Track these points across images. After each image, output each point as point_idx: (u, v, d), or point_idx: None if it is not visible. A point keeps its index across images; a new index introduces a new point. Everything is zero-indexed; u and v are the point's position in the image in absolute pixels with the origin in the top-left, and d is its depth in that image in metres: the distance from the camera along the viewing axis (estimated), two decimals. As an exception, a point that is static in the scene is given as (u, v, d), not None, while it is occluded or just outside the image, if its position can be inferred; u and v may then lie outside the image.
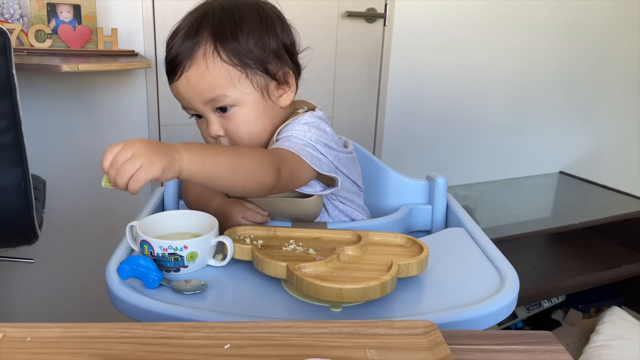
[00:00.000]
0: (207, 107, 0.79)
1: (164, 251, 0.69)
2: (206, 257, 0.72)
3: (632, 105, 2.65)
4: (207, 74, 0.76)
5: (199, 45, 0.77)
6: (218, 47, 0.76)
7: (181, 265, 0.70)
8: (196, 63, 0.77)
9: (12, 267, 1.73)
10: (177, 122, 1.78)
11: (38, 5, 1.51)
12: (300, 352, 0.45)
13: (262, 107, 0.81)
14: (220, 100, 0.78)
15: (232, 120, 0.80)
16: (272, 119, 0.83)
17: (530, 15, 2.28)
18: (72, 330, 0.48)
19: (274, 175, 0.70)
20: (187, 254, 0.69)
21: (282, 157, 0.73)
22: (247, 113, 0.80)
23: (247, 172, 0.68)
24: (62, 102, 1.67)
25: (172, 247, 0.69)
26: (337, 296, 0.60)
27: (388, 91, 2.14)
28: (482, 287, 0.68)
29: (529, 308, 2.00)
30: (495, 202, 2.29)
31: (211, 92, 0.77)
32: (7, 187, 1.09)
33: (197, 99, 0.79)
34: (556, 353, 0.49)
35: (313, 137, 0.81)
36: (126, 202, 1.81)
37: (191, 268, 0.71)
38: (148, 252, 0.69)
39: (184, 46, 0.77)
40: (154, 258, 0.69)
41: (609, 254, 2.09)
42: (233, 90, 0.78)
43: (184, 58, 0.77)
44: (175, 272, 0.70)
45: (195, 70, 0.77)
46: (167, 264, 0.69)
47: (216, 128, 0.81)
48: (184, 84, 0.78)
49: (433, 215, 0.99)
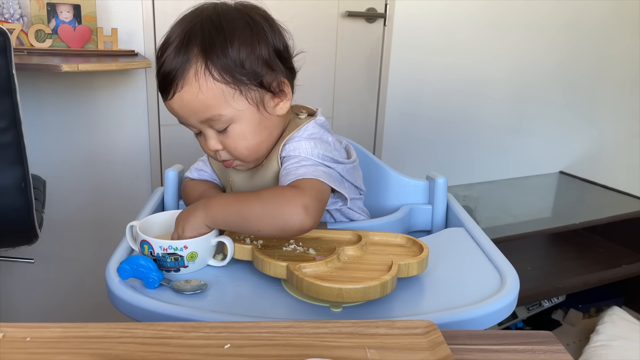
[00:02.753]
0: (204, 124, 0.78)
1: (163, 251, 0.68)
2: (206, 257, 0.72)
3: (632, 105, 2.64)
4: (200, 94, 0.74)
5: (190, 64, 0.74)
6: (209, 65, 0.74)
7: (181, 265, 0.70)
8: (188, 83, 0.74)
9: (12, 267, 1.73)
10: (177, 122, 1.77)
11: (38, 5, 1.51)
12: (300, 352, 0.45)
13: (258, 120, 0.79)
14: (216, 120, 0.77)
15: (230, 136, 0.79)
16: (269, 129, 0.81)
17: (530, 15, 2.28)
18: (72, 330, 0.47)
19: (298, 214, 0.69)
20: (187, 254, 0.69)
21: (304, 190, 0.72)
22: (243, 128, 0.78)
23: (258, 218, 0.71)
24: (62, 102, 1.67)
25: (172, 247, 0.69)
26: (337, 296, 0.60)
27: (388, 91, 2.14)
28: (482, 287, 0.68)
29: (529, 308, 2.00)
30: (495, 202, 2.29)
31: (205, 112, 0.76)
32: (7, 187, 1.09)
33: (192, 117, 0.78)
34: (556, 353, 0.49)
35: (320, 153, 0.80)
36: (126, 202, 1.82)
37: (191, 268, 0.70)
38: (148, 252, 0.69)
39: (175, 63, 0.75)
40: (154, 258, 0.69)
41: (609, 254, 2.09)
42: (228, 108, 0.76)
43: (176, 76, 0.75)
44: (176, 272, 0.70)
45: (188, 91, 0.75)
46: (167, 264, 0.69)
47: (213, 143, 0.80)
48: (178, 104, 0.77)
49: (433, 215, 0.99)
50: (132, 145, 1.79)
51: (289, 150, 0.80)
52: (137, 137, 1.79)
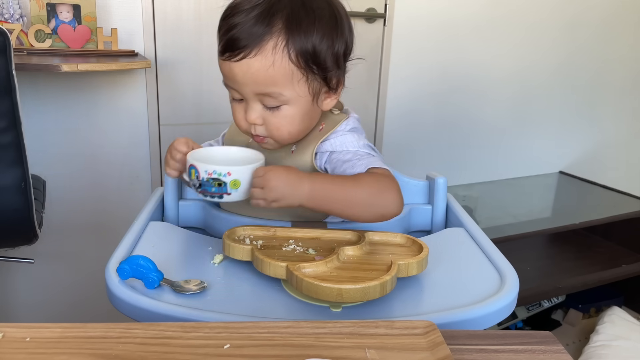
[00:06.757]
0: (257, 96, 0.77)
1: (208, 175, 0.70)
2: (249, 188, 0.72)
3: (632, 105, 2.64)
4: (271, 69, 0.73)
5: (271, 36, 0.72)
6: (289, 44, 0.73)
7: (224, 192, 0.71)
8: (263, 53, 0.72)
9: (12, 267, 1.73)
10: (177, 122, 1.78)
11: (38, 5, 1.51)
12: (300, 352, 0.45)
13: (308, 109, 0.79)
14: (274, 97, 0.76)
15: (277, 116, 0.78)
16: (312, 121, 0.83)
17: (529, 15, 2.28)
18: (72, 330, 0.47)
19: (397, 201, 0.76)
20: (231, 181, 0.70)
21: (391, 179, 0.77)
22: (294, 113, 0.78)
23: (362, 204, 0.74)
24: (62, 102, 1.67)
25: (217, 172, 0.70)
26: (337, 296, 0.60)
27: (388, 91, 2.14)
28: (482, 287, 0.68)
29: (529, 308, 2.00)
30: (495, 202, 2.29)
31: (268, 86, 0.75)
32: (7, 187, 1.09)
33: (250, 86, 0.75)
34: (556, 353, 0.49)
35: (365, 143, 0.83)
36: (126, 202, 1.82)
37: (234, 196, 0.72)
38: (195, 177, 0.71)
39: (254, 31, 0.72)
40: (200, 183, 0.71)
41: (609, 254, 2.09)
42: (290, 90, 0.75)
43: (251, 43, 0.72)
44: (219, 198, 0.71)
45: (260, 60, 0.73)
46: (211, 189, 0.71)
47: (255, 116, 0.78)
48: (244, 69, 0.74)
49: (433, 215, 0.99)
50: (132, 145, 1.79)
51: (336, 145, 0.82)
52: (137, 137, 1.79)
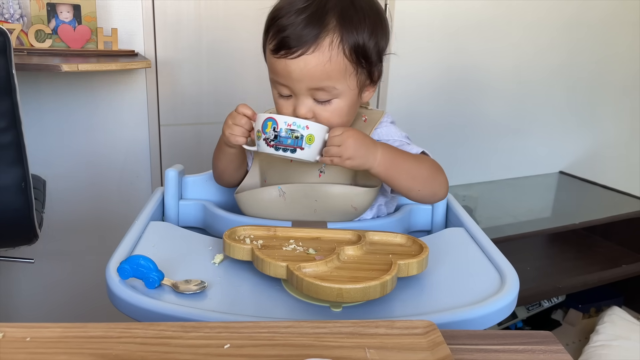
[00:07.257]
0: (309, 91, 0.79)
1: (287, 127, 0.73)
2: (320, 148, 0.76)
3: (632, 105, 2.64)
4: (327, 64, 0.76)
5: (327, 33, 0.76)
6: (344, 39, 0.77)
7: (299, 146, 0.74)
8: (320, 50, 0.76)
9: (12, 267, 1.73)
10: (177, 122, 1.78)
11: (38, 5, 1.51)
12: (300, 352, 0.45)
13: (354, 102, 0.83)
14: (327, 91, 0.79)
15: (328, 110, 0.81)
16: (354, 113, 0.87)
17: (529, 15, 2.28)
18: (72, 330, 0.47)
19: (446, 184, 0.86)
20: (307, 135, 0.73)
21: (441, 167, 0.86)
22: (343, 106, 0.81)
23: (424, 179, 0.84)
24: (62, 102, 1.67)
25: (296, 123, 0.74)
26: (337, 296, 0.60)
27: (388, 91, 2.14)
28: (482, 287, 0.68)
29: (529, 308, 2.00)
30: (495, 202, 2.29)
31: (323, 81, 0.78)
32: (7, 187, 1.09)
33: (306, 82, 0.78)
34: (556, 353, 0.49)
35: (404, 135, 0.90)
36: (126, 202, 1.82)
37: (306, 152, 0.75)
38: (271, 129, 0.73)
39: (310, 29, 0.76)
40: (275, 135, 0.73)
41: (609, 254, 2.09)
42: (342, 83, 0.79)
43: (309, 40, 0.76)
44: (292, 152, 0.74)
45: (317, 57, 0.76)
46: (287, 140, 0.73)
47: (305, 111, 0.80)
48: (301, 67, 0.77)
49: (433, 215, 0.99)
50: (132, 145, 1.79)
51: (382, 134, 0.89)
52: (137, 137, 1.79)
